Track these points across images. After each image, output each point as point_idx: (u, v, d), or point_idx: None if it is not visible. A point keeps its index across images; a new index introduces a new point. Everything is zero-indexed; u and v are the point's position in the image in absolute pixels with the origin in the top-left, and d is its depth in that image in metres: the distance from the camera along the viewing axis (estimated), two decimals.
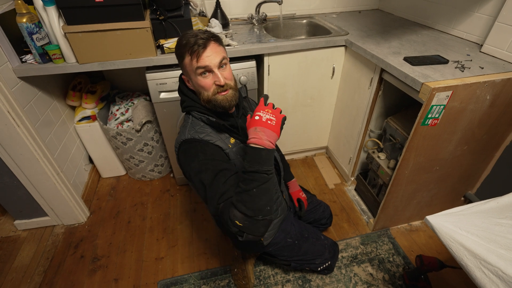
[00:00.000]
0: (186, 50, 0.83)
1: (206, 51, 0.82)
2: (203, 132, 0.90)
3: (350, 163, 1.74)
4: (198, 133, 0.90)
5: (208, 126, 0.93)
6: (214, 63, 0.84)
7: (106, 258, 1.47)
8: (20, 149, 1.30)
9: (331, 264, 1.29)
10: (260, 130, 0.75)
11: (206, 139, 0.89)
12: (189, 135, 0.90)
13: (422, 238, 1.51)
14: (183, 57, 0.85)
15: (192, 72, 0.86)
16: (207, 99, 0.88)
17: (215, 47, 0.84)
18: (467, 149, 1.25)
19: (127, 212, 1.71)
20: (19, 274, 1.41)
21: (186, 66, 0.87)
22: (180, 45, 0.85)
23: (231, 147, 0.93)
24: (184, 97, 0.95)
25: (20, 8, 1.15)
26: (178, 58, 0.89)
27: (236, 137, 0.96)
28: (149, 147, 1.74)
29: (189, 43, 0.82)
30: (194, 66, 0.83)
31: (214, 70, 0.84)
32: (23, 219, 1.60)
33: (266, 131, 0.76)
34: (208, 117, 0.91)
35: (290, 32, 1.88)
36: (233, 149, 0.94)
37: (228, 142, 0.93)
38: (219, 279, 1.36)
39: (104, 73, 1.86)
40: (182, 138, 0.91)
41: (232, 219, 0.75)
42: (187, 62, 0.85)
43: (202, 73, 0.85)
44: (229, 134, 0.95)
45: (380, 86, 1.37)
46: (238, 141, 0.96)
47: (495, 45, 1.23)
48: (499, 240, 0.68)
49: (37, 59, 1.26)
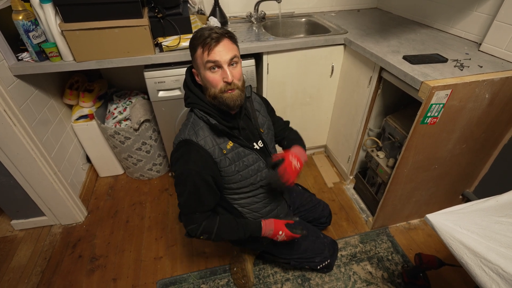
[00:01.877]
0: (199, 42, 0.83)
1: (218, 46, 0.82)
2: (201, 135, 0.91)
3: (349, 162, 1.74)
4: (196, 136, 0.90)
5: (208, 128, 0.92)
6: (224, 59, 0.83)
7: (105, 257, 1.46)
8: (17, 148, 1.28)
9: (330, 263, 1.29)
10: (270, 231, 1.05)
11: (201, 143, 0.90)
12: (188, 136, 0.90)
13: (421, 236, 1.51)
14: (195, 49, 0.85)
15: (202, 66, 0.85)
16: (213, 95, 0.88)
17: (228, 43, 0.84)
18: (465, 147, 1.26)
19: (125, 212, 1.70)
20: (16, 275, 1.40)
21: (197, 58, 0.86)
22: (195, 37, 0.85)
23: (225, 153, 0.93)
24: (189, 92, 0.94)
25: (16, 5, 1.13)
26: (191, 50, 0.89)
27: (235, 141, 0.95)
28: (147, 146, 1.73)
29: (203, 35, 0.82)
30: (205, 59, 0.83)
31: (224, 66, 0.84)
32: (20, 219, 1.59)
33: (271, 233, 1.06)
34: (208, 119, 0.90)
35: (289, 31, 1.88)
36: (227, 155, 0.93)
37: (224, 148, 0.93)
38: (219, 278, 1.35)
39: (101, 71, 1.84)
40: (181, 137, 0.91)
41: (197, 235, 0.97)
42: (199, 54, 0.85)
43: (212, 68, 0.84)
44: (228, 138, 0.94)
45: (379, 84, 1.37)
46: (237, 145, 0.95)
47: (493, 44, 1.23)
48: (499, 238, 0.69)
49: (34, 57, 1.24)
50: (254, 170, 1.00)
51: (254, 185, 1.03)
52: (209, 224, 0.97)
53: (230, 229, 1.00)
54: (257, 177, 1.01)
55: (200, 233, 0.96)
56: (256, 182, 1.02)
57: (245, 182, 1.00)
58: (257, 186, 1.04)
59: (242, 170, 0.97)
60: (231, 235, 1.02)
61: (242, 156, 0.96)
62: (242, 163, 0.96)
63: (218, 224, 0.98)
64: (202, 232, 0.96)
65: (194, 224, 0.96)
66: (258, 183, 1.03)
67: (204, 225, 0.96)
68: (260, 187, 1.05)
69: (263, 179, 1.03)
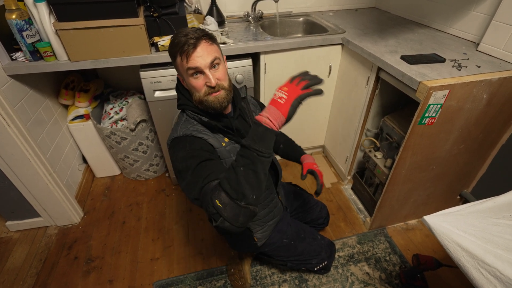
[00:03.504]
0: (177, 50, 0.81)
1: (196, 51, 0.80)
2: (196, 130, 0.88)
3: (347, 162, 1.73)
4: (191, 131, 0.88)
5: (201, 125, 0.91)
6: (204, 63, 0.81)
7: (101, 259, 1.45)
8: (11, 149, 1.27)
9: (327, 264, 1.28)
10: (268, 108, 0.71)
11: (198, 136, 0.87)
12: (181, 133, 0.87)
13: (419, 236, 1.51)
14: (175, 57, 0.84)
15: (184, 73, 0.84)
16: (198, 100, 0.86)
17: (206, 46, 0.82)
18: (463, 148, 1.25)
19: (122, 213, 1.69)
20: (11, 276, 1.39)
21: (178, 66, 0.85)
22: (172, 45, 0.83)
23: (224, 145, 0.91)
24: (179, 94, 0.93)
25: (10, 4, 1.12)
26: (171, 58, 0.87)
27: (230, 138, 0.94)
28: (144, 147, 1.71)
29: (180, 42, 0.80)
30: (185, 67, 0.81)
31: (205, 71, 0.82)
32: (15, 220, 1.57)
33: (271, 109, 0.70)
34: (200, 118, 0.89)
35: (287, 30, 1.86)
36: (226, 148, 0.92)
37: (222, 141, 0.91)
38: (216, 280, 1.35)
39: (97, 71, 1.82)
40: (174, 136, 0.89)
41: (213, 198, 0.70)
42: (179, 63, 0.83)
43: (194, 74, 0.83)
44: (223, 135, 0.93)
45: (377, 84, 1.36)
46: (232, 141, 0.94)
47: (491, 44, 1.23)
48: (497, 241, 0.68)
49: (28, 56, 1.23)
50: None
51: None
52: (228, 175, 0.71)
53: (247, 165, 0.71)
54: None
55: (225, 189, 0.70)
56: None
57: None
58: None
59: None
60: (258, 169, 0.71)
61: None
62: None
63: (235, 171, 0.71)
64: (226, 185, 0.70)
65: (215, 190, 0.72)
66: None
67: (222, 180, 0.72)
68: None
69: None
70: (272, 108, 0.70)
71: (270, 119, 0.69)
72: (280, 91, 0.71)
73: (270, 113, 0.70)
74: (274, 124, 0.69)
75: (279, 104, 0.70)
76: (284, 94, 0.70)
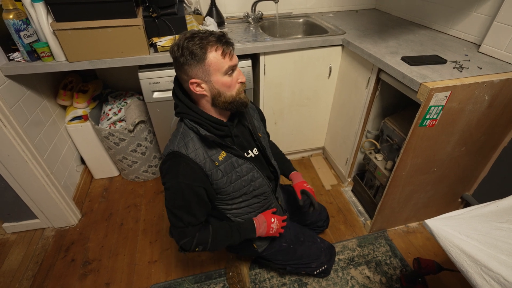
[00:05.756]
0: (214, 49, 0.77)
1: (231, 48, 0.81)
2: (192, 148, 0.86)
3: (347, 164, 1.72)
4: (186, 148, 0.86)
5: (199, 139, 0.88)
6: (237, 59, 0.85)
7: (98, 261, 1.43)
8: (7, 150, 1.25)
9: (327, 268, 1.26)
10: (264, 223, 1.04)
11: (191, 156, 0.85)
12: (177, 148, 0.86)
13: (419, 239, 1.49)
14: (203, 59, 0.76)
15: (217, 72, 0.79)
16: (230, 99, 0.85)
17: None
18: (464, 150, 1.24)
19: (120, 214, 1.68)
20: (7, 279, 1.37)
21: (209, 66, 0.77)
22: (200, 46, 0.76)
23: (218, 165, 0.89)
24: (178, 101, 0.88)
25: (7, 4, 1.11)
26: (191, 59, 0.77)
27: (228, 151, 0.91)
28: (143, 148, 1.70)
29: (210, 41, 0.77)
30: (226, 64, 0.79)
31: (237, 68, 0.84)
32: (12, 222, 1.55)
33: (265, 226, 1.04)
34: (199, 130, 0.86)
35: (287, 31, 1.86)
36: (220, 167, 0.89)
37: (216, 159, 0.89)
38: (214, 283, 1.33)
39: (96, 71, 1.82)
40: (170, 149, 0.87)
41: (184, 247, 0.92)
42: (213, 62, 0.77)
43: (231, 72, 0.82)
44: (221, 148, 0.90)
45: (378, 86, 1.35)
46: (230, 155, 0.91)
47: (493, 45, 1.21)
48: (500, 245, 0.67)
49: (25, 57, 1.22)
50: (247, 180, 0.96)
51: (247, 195, 0.99)
52: (203, 235, 0.93)
53: (224, 236, 0.97)
54: (250, 187, 0.98)
55: (195, 245, 0.92)
56: (249, 192, 0.99)
57: (238, 192, 0.97)
58: (250, 196, 1.01)
59: (234, 181, 0.94)
60: (227, 241, 0.98)
61: (235, 166, 0.92)
62: (235, 174, 0.93)
63: (212, 233, 0.95)
64: (197, 244, 0.92)
65: (187, 237, 0.91)
66: (252, 193, 1.00)
67: (198, 237, 0.92)
68: (254, 197, 1.02)
69: (256, 189, 1.00)
70: (264, 229, 1.04)
71: (261, 234, 1.04)
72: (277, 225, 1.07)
73: (262, 232, 1.04)
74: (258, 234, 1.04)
75: (269, 230, 1.05)
76: (275, 228, 1.07)
